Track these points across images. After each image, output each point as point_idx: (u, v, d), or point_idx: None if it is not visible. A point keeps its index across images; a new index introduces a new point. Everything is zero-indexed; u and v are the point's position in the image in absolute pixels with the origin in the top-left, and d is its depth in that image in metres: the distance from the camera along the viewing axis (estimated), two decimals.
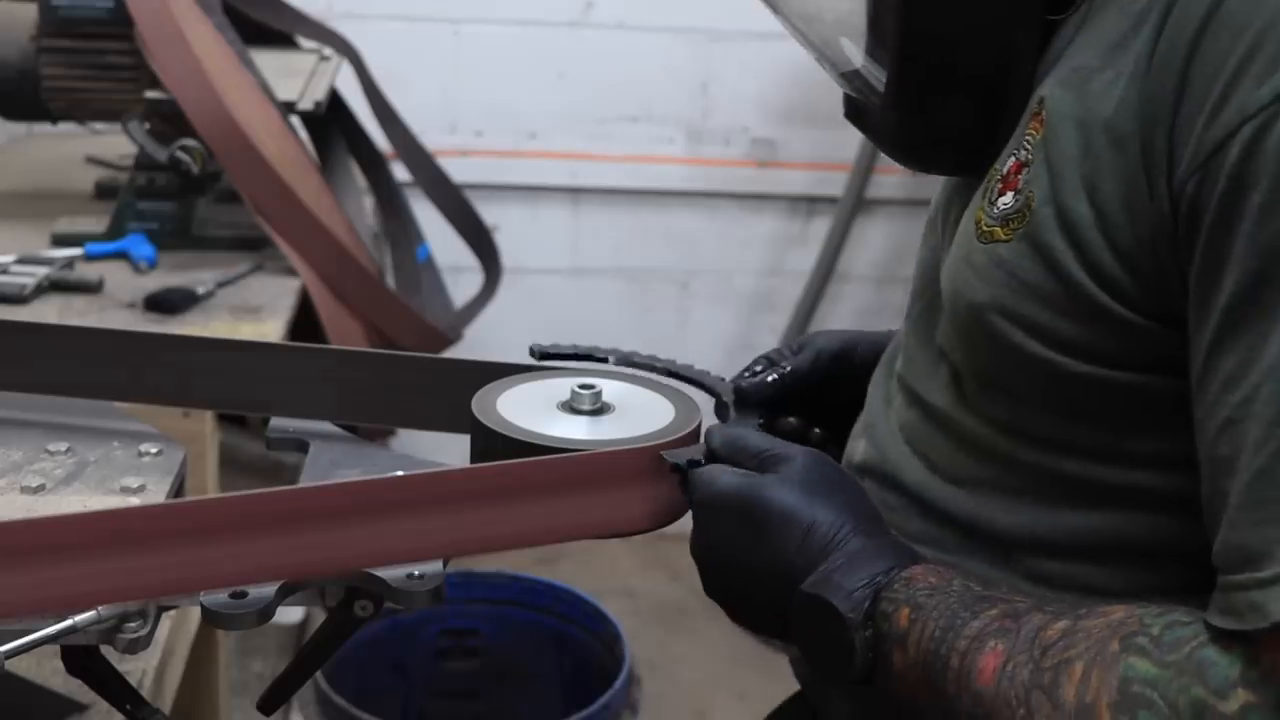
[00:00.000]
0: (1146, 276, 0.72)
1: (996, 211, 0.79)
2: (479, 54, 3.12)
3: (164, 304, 1.77)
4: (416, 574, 0.85)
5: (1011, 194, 0.78)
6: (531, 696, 2.33)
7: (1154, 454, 0.75)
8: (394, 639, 2.26)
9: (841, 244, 3.24)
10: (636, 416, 1.00)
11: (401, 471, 0.89)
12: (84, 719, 1.12)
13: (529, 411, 0.99)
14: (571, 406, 1.00)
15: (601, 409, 1.00)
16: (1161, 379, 0.73)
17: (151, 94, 1.91)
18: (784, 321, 3.32)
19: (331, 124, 2.43)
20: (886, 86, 0.86)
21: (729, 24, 3.14)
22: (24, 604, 0.74)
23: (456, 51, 3.12)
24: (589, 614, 2.28)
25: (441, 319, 2.36)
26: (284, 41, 2.48)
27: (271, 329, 1.76)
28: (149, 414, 1.10)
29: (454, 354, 2.00)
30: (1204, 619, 0.66)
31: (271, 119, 2.05)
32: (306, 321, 1.90)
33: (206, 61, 1.87)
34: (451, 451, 1.04)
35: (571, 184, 3.24)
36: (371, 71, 2.58)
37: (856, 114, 0.93)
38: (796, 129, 3.22)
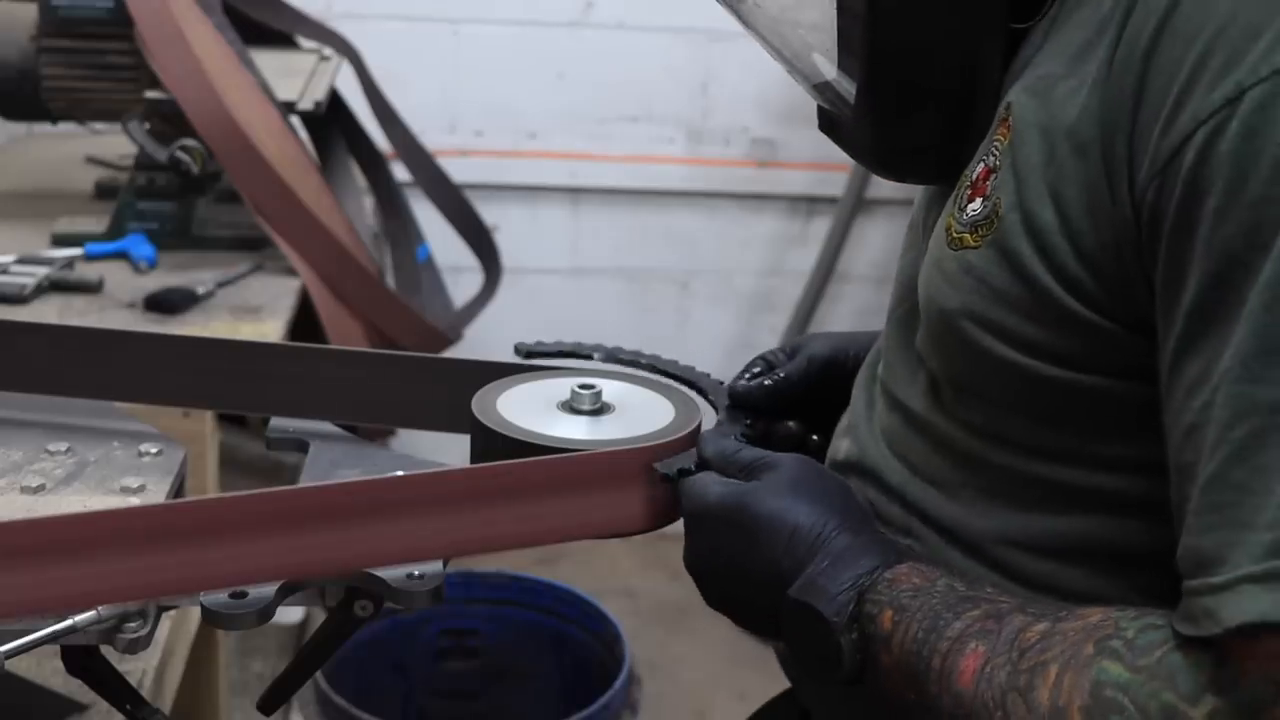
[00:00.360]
0: (1112, 281, 0.72)
1: (966, 218, 0.79)
2: (479, 54, 3.12)
3: (164, 304, 1.77)
4: (416, 574, 0.86)
5: (980, 200, 0.78)
6: (531, 696, 2.33)
7: (1125, 458, 0.75)
8: (394, 639, 2.26)
9: (841, 244, 3.24)
10: (636, 416, 1.00)
11: (401, 471, 0.90)
12: (84, 719, 1.12)
13: (529, 411, 0.99)
14: (571, 406, 1.01)
15: (601, 409, 1.01)
16: (1130, 384, 0.73)
17: (151, 94, 1.91)
18: (784, 321, 3.32)
19: (331, 124, 2.43)
20: (856, 98, 0.86)
21: (729, 24, 3.09)
22: (24, 604, 0.74)
23: (456, 51, 3.12)
24: (589, 614, 2.28)
25: (441, 319, 2.36)
26: (284, 41, 2.48)
27: (271, 329, 1.76)
28: (149, 414, 1.10)
29: (454, 354, 2.00)
30: (1172, 623, 0.67)
31: (271, 119, 2.05)
32: (306, 321, 1.90)
33: (206, 61, 1.87)
34: (451, 451, 1.04)
35: (571, 184, 3.24)
36: (371, 71, 2.57)
37: (830, 126, 0.94)
38: (796, 129, 3.22)
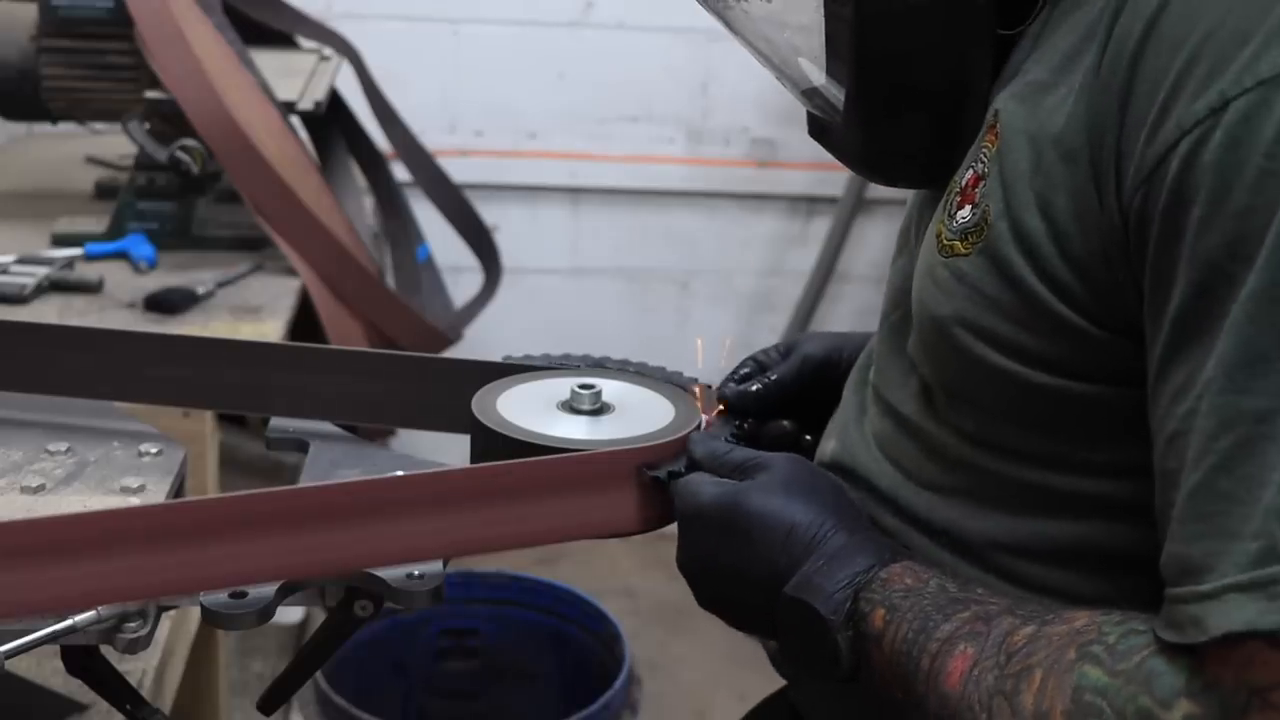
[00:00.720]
0: (1101, 288, 0.72)
1: (956, 225, 0.79)
2: (479, 54, 3.12)
3: (164, 304, 1.77)
4: (416, 574, 0.86)
5: (969, 207, 0.78)
6: (531, 696, 2.33)
7: (1116, 464, 0.76)
8: (394, 639, 2.26)
9: (841, 244, 3.24)
10: (636, 416, 1.00)
11: (401, 471, 0.90)
12: (84, 719, 1.12)
13: (529, 411, 0.99)
14: (571, 406, 1.01)
15: (601, 409, 1.01)
16: (1120, 390, 0.73)
17: (151, 94, 1.91)
18: (784, 321, 3.32)
19: (331, 124, 2.43)
20: (845, 104, 0.86)
21: None
22: (24, 604, 0.74)
23: (456, 51, 3.12)
24: (589, 614, 2.28)
25: (441, 319, 2.36)
26: (284, 41, 2.48)
27: (271, 329, 1.76)
28: (149, 414, 1.10)
29: (454, 354, 2.00)
30: (1154, 629, 0.67)
31: (271, 119, 2.05)
32: (306, 321, 1.90)
33: (206, 61, 1.87)
34: (451, 451, 1.04)
35: (571, 184, 3.24)
36: (371, 71, 2.57)
37: (820, 131, 0.94)
38: (796, 129, 3.19)
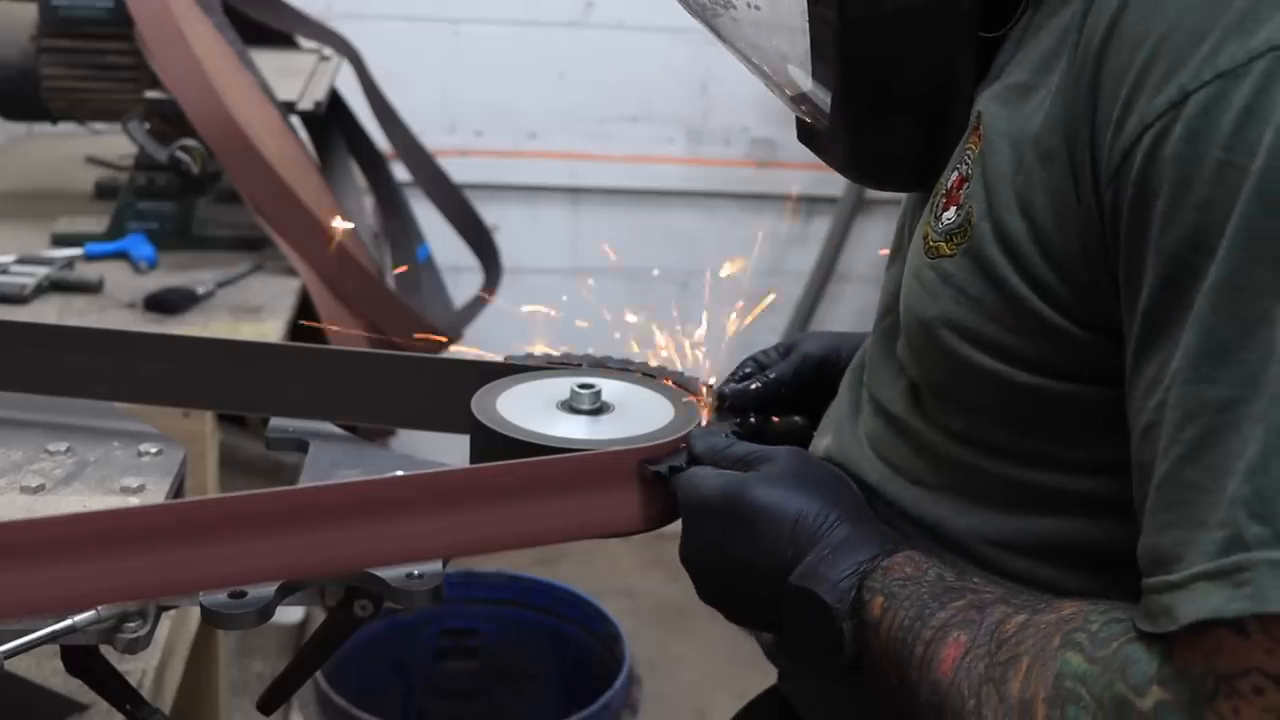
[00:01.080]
0: (1081, 287, 0.72)
1: (941, 227, 0.80)
2: (479, 54, 3.12)
3: (164, 304, 1.77)
4: (416, 574, 0.86)
5: (954, 209, 0.79)
6: (531, 696, 2.33)
7: (1098, 461, 0.76)
8: (394, 639, 2.26)
9: (841, 244, 3.24)
10: (636, 416, 1.00)
11: (401, 471, 0.90)
12: (84, 719, 1.12)
13: (529, 411, 0.99)
14: (571, 406, 1.01)
15: (601, 409, 1.01)
16: (1102, 389, 0.74)
17: (151, 94, 1.91)
18: (784, 321, 3.32)
19: (331, 124, 2.43)
20: (832, 110, 0.87)
21: None
22: (24, 604, 0.74)
23: (456, 51, 3.12)
24: (589, 614, 2.28)
25: (441, 319, 2.36)
26: (284, 41, 2.48)
27: (271, 329, 1.76)
28: (149, 414, 1.10)
29: (454, 354, 2.00)
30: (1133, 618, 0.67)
31: (271, 119, 2.05)
32: (306, 321, 1.90)
33: (206, 61, 1.87)
34: (451, 451, 1.04)
35: (571, 184, 3.24)
36: (371, 71, 2.57)
37: (809, 136, 0.94)
38: None
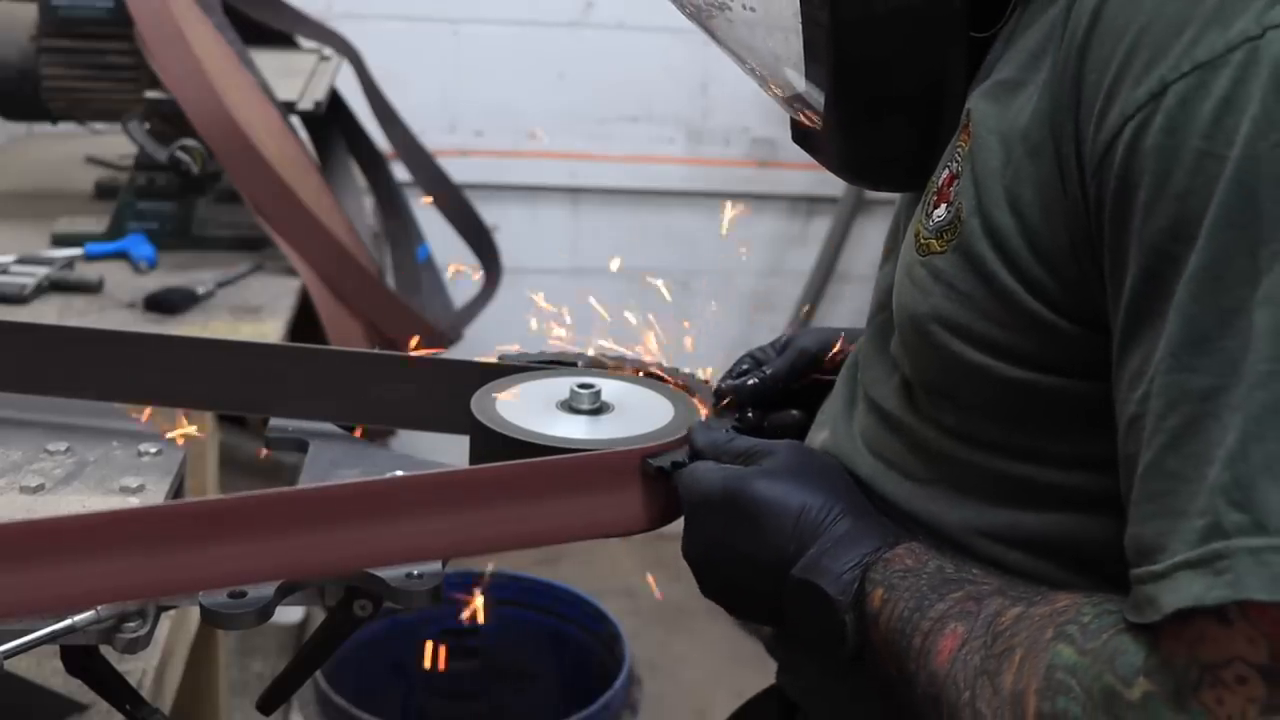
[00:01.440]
0: (1070, 281, 0.73)
1: (932, 224, 0.80)
2: (479, 54, 3.12)
3: (164, 304, 1.77)
4: (416, 574, 0.86)
5: (945, 206, 0.79)
6: (531, 696, 2.33)
7: (1090, 456, 0.76)
8: (394, 639, 2.26)
9: (841, 244, 3.24)
10: (636, 415, 1.00)
11: (401, 471, 0.90)
12: (84, 719, 1.12)
13: (528, 411, 0.99)
14: (571, 406, 1.01)
15: (601, 408, 1.01)
16: (1092, 383, 0.74)
17: (151, 94, 1.91)
18: (784, 321, 3.32)
19: (331, 124, 2.43)
20: (825, 110, 0.87)
21: None
22: (24, 604, 0.74)
23: (456, 51, 3.12)
24: (589, 614, 2.28)
25: (441, 319, 2.36)
26: (284, 41, 2.48)
27: (271, 329, 1.76)
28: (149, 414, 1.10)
29: (454, 354, 2.00)
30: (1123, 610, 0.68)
31: (271, 119, 2.05)
32: (306, 321, 1.90)
33: (206, 61, 1.88)
34: (451, 451, 1.04)
35: (571, 184, 3.24)
36: (371, 71, 2.58)
37: (803, 137, 0.94)
38: None
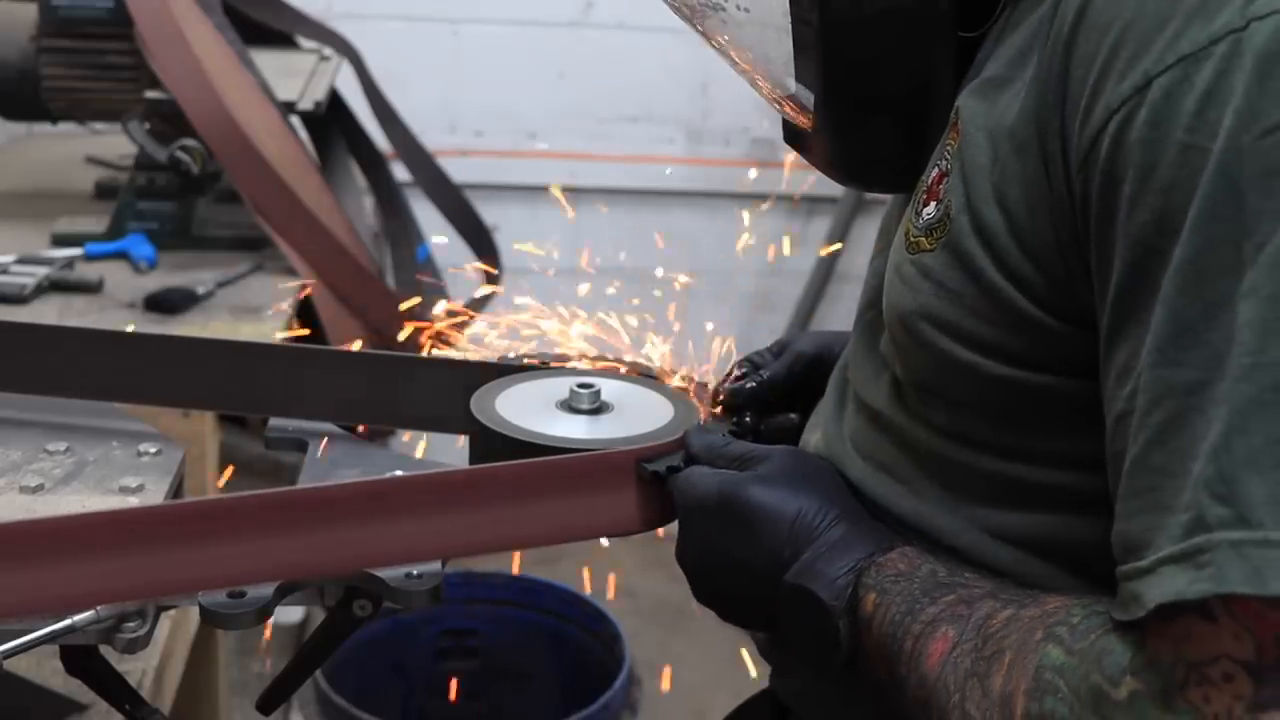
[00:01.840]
0: (1057, 278, 0.72)
1: (921, 222, 0.80)
2: (479, 54, 3.12)
3: (164, 304, 1.77)
4: (415, 574, 0.86)
5: (934, 204, 0.79)
6: (531, 696, 2.33)
7: (1079, 455, 0.76)
8: (394, 639, 2.26)
9: (842, 244, 3.24)
10: (635, 415, 1.00)
11: (401, 471, 0.90)
12: (84, 719, 1.12)
13: (528, 411, 0.99)
14: (570, 406, 1.01)
15: (600, 408, 1.01)
16: (1080, 381, 0.73)
17: (151, 94, 1.91)
18: (784, 321, 3.32)
19: (331, 124, 2.43)
20: (815, 110, 0.87)
21: None
22: (24, 604, 0.74)
23: (456, 51, 3.12)
24: (589, 614, 2.28)
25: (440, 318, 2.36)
26: (284, 41, 2.48)
27: (271, 329, 1.76)
28: (149, 414, 1.10)
29: (454, 354, 2.00)
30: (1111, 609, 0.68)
31: (271, 119, 2.05)
32: (306, 321, 1.90)
33: (206, 61, 1.88)
34: (451, 451, 1.04)
35: (571, 184, 3.24)
36: (371, 71, 2.57)
37: (794, 138, 0.94)
38: None
